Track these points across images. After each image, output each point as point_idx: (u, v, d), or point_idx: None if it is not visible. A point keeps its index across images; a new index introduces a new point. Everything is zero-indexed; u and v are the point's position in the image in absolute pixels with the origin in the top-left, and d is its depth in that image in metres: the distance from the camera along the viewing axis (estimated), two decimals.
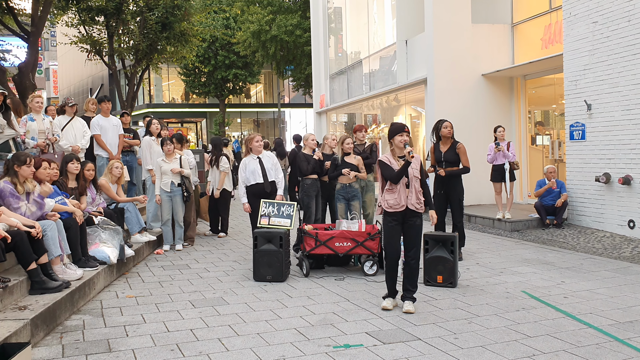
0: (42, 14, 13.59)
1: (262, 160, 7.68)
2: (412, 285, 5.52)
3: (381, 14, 17.51)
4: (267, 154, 7.82)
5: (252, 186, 7.60)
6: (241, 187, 7.68)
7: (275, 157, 7.90)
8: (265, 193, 7.53)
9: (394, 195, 5.42)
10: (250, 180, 7.62)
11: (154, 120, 9.81)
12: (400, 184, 5.42)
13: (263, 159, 7.71)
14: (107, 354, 4.37)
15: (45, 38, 41.37)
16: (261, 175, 7.60)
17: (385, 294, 5.63)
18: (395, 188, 5.43)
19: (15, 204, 5.51)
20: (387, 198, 5.45)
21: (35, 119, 7.95)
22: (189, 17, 17.36)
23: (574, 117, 10.33)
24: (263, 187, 7.57)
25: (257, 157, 7.68)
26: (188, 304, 5.77)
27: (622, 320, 5.08)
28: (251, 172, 7.61)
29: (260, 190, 7.56)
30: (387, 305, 5.49)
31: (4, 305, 4.81)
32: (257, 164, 7.64)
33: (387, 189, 5.48)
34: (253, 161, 7.67)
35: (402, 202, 5.40)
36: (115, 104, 25.48)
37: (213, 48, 31.76)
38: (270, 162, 7.73)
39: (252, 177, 7.61)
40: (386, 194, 5.47)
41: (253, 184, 7.60)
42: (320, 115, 21.87)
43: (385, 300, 5.56)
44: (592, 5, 9.80)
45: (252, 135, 7.82)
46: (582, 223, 10.18)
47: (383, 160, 5.54)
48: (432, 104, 13.01)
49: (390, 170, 5.44)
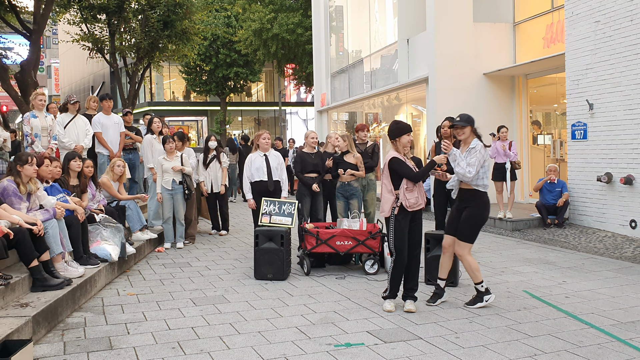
0: (44, 12, 13.59)
1: (268, 158, 7.68)
2: (414, 284, 5.49)
3: (382, 12, 17.50)
4: (274, 153, 7.82)
5: (256, 183, 7.62)
6: (246, 182, 7.69)
7: (281, 157, 7.88)
8: (268, 191, 7.54)
9: (414, 194, 5.28)
10: (254, 177, 7.63)
11: (155, 119, 9.81)
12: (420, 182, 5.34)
13: (270, 157, 7.71)
14: (108, 351, 4.38)
15: (47, 36, 41.39)
16: (266, 173, 7.62)
17: (385, 295, 5.51)
18: (415, 187, 5.30)
19: (17, 204, 5.52)
20: (408, 197, 5.25)
21: (38, 117, 7.96)
22: (190, 15, 17.35)
23: (576, 117, 10.32)
24: (266, 185, 7.59)
25: (263, 155, 7.70)
26: (189, 301, 5.78)
27: (623, 321, 5.07)
28: (256, 169, 7.63)
29: (264, 188, 7.58)
30: (392, 308, 5.38)
31: (6, 302, 4.82)
32: (263, 162, 7.66)
33: (406, 188, 5.27)
34: (259, 158, 7.68)
35: (421, 201, 5.34)
36: (116, 101, 25.52)
37: (214, 46, 31.75)
38: (277, 162, 7.73)
39: (257, 174, 7.62)
40: (407, 193, 5.26)
41: (257, 180, 7.62)
42: (321, 114, 21.87)
43: (388, 302, 5.44)
44: (595, 5, 9.79)
45: (260, 132, 7.83)
46: (584, 223, 10.18)
47: (399, 157, 5.33)
48: (433, 102, 13.01)
49: (409, 169, 5.29)
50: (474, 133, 5.49)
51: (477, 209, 5.42)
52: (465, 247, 5.46)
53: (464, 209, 5.48)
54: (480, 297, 5.47)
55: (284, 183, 7.76)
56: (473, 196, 5.44)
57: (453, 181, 5.64)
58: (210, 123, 39.30)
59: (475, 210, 5.42)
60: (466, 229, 5.44)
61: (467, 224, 5.43)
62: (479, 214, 5.43)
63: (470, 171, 5.28)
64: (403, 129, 5.41)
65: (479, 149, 5.36)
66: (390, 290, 5.45)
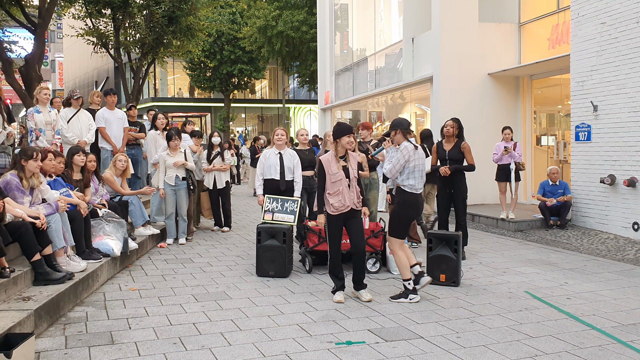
0: (49, 6, 13.62)
1: (282, 157, 7.59)
2: (363, 275, 5.77)
3: (388, 11, 17.47)
4: (290, 152, 7.69)
5: (268, 181, 7.54)
6: (258, 178, 7.59)
7: (297, 156, 7.72)
8: (279, 191, 7.46)
9: (338, 197, 5.59)
10: (266, 175, 7.56)
11: (159, 115, 9.82)
12: (342, 186, 5.59)
13: (285, 155, 7.61)
14: (109, 346, 4.39)
15: (51, 30, 41.41)
16: (278, 172, 7.51)
17: (334, 289, 5.78)
18: (340, 190, 5.59)
19: (20, 198, 5.53)
20: (331, 201, 5.61)
21: (42, 111, 7.98)
22: (195, 11, 17.36)
23: (580, 118, 10.30)
24: (277, 184, 7.49)
25: (278, 153, 7.60)
26: (191, 297, 5.79)
27: (625, 323, 5.07)
28: (269, 167, 7.54)
29: (275, 187, 7.48)
30: (342, 299, 5.63)
31: (8, 295, 4.83)
32: (277, 160, 7.55)
33: (328, 192, 5.63)
34: (274, 155, 7.58)
35: (348, 203, 5.60)
36: (120, 97, 25.54)
37: (219, 43, 31.75)
38: (291, 161, 7.59)
39: (269, 172, 7.53)
40: (330, 197, 5.62)
41: (269, 178, 7.54)
42: (325, 112, 21.86)
43: (337, 294, 5.71)
44: (601, 6, 9.76)
45: (275, 129, 7.79)
46: (586, 224, 10.16)
47: (325, 163, 5.68)
48: (437, 102, 12.99)
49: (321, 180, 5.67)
50: (404, 136, 5.78)
51: (401, 206, 5.76)
52: (394, 242, 5.75)
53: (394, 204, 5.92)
54: (406, 294, 5.70)
55: (298, 183, 7.60)
56: (399, 194, 5.80)
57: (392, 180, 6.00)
58: (213, 119, 39.31)
59: (399, 208, 5.77)
60: (392, 224, 5.79)
61: (392, 220, 5.80)
62: (403, 211, 5.76)
63: (387, 167, 5.75)
64: (343, 131, 5.67)
65: (402, 148, 5.70)
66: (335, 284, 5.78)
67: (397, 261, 5.75)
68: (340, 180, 5.62)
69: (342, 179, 5.63)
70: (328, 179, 5.65)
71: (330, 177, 5.64)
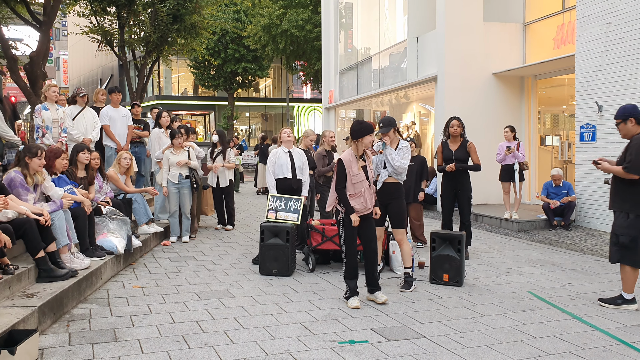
0: (54, 4, 13.63)
1: (292, 156, 7.58)
2: (378, 275, 5.72)
3: (392, 10, 17.45)
4: (298, 151, 7.69)
5: (279, 180, 7.50)
6: (270, 177, 7.53)
7: (305, 156, 7.71)
8: (292, 189, 7.44)
9: (360, 199, 5.49)
10: (277, 174, 7.53)
11: (164, 113, 9.83)
12: (364, 187, 5.50)
13: (294, 154, 7.60)
14: (113, 343, 4.40)
15: (56, 28, 41.52)
16: (290, 171, 7.49)
17: (346, 295, 5.59)
18: (360, 192, 5.49)
19: (24, 195, 5.54)
20: (353, 204, 5.48)
21: (50, 109, 7.98)
22: (200, 9, 17.36)
23: (585, 119, 10.27)
24: (290, 183, 7.46)
25: (287, 151, 7.59)
26: (194, 295, 5.79)
27: (628, 324, 5.06)
28: (280, 166, 7.52)
29: (287, 186, 7.45)
30: (358, 305, 5.42)
31: (12, 292, 4.85)
32: (288, 159, 7.54)
33: (349, 194, 5.47)
34: (284, 155, 7.57)
35: (369, 205, 5.55)
36: (124, 95, 25.58)
37: (223, 41, 31.79)
38: (301, 160, 7.59)
39: (280, 171, 7.51)
40: (351, 200, 5.47)
41: (280, 178, 7.51)
42: (329, 111, 21.86)
43: (352, 299, 5.49)
44: (606, 6, 9.73)
45: (282, 129, 7.80)
46: (590, 225, 10.13)
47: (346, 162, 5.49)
48: (442, 101, 12.97)
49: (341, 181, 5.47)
50: (397, 133, 6.17)
51: (403, 198, 6.15)
52: (404, 233, 6.12)
53: (390, 200, 6.09)
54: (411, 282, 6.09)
55: (306, 182, 7.59)
56: (398, 188, 6.11)
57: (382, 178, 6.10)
58: (217, 118, 39.37)
59: (402, 201, 6.14)
60: (401, 215, 6.09)
61: (400, 211, 6.09)
62: (404, 202, 6.20)
63: (406, 163, 6.03)
64: (366, 129, 5.50)
65: (405, 145, 6.12)
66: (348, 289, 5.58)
67: (407, 250, 6.07)
68: (361, 181, 5.47)
69: (364, 180, 5.49)
70: (349, 179, 5.47)
71: (351, 178, 5.46)
